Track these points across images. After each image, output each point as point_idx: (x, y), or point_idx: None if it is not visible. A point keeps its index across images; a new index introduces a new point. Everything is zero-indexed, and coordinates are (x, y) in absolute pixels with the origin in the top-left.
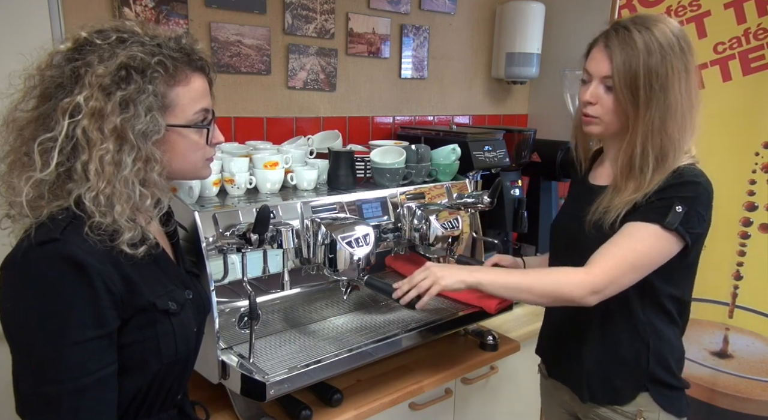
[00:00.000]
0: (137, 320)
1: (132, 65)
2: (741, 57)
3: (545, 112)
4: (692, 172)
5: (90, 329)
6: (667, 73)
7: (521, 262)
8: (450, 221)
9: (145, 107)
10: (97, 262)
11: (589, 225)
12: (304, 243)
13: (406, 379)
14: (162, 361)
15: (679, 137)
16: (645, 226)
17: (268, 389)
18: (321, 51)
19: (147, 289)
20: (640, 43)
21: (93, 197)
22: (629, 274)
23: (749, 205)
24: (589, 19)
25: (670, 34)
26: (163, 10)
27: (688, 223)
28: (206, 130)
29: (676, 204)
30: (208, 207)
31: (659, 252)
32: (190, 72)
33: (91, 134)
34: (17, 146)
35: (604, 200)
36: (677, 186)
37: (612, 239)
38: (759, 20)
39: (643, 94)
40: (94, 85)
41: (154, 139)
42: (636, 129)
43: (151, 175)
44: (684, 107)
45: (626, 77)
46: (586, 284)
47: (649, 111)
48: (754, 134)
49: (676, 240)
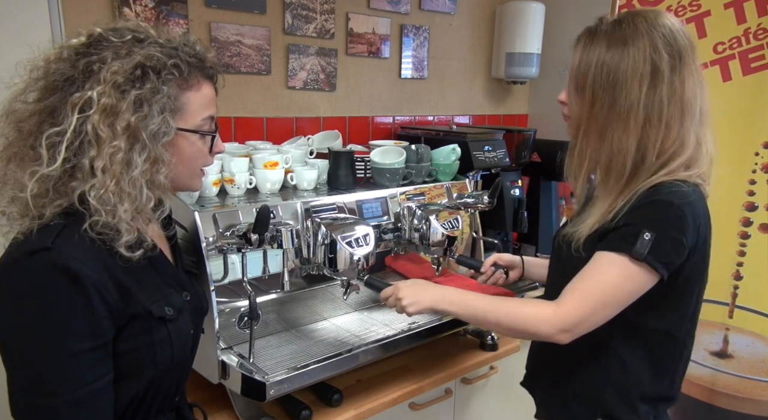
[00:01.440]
0: (132, 328)
1: (149, 65)
2: (741, 57)
3: (545, 112)
4: (668, 191)
5: (85, 340)
6: (625, 71)
7: (520, 261)
8: (450, 221)
9: (159, 108)
10: (91, 271)
11: (560, 239)
12: (304, 243)
13: (406, 379)
14: (158, 367)
15: (628, 144)
16: (613, 257)
17: (268, 389)
18: (321, 51)
19: (142, 295)
20: (602, 38)
21: (99, 195)
22: (601, 312)
23: (749, 205)
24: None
25: (642, 30)
26: (163, 10)
27: (659, 251)
28: (211, 138)
29: (643, 230)
30: (208, 207)
31: (630, 286)
32: (201, 78)
33: (101, 131)
34: (17, 139)
35: (584, 215)
36: (645, 207)
37: (582, 272)
38: (759, 20)
39: (590, 93)
40: (108, 82)
41: (164, 141)
42: (583, 131)
43: (158, 177)
44: (643, 111)
45: (577, 74)
46: (555, 322)
47: (593, 112)
48: (754, 134)
49: (647, 272)
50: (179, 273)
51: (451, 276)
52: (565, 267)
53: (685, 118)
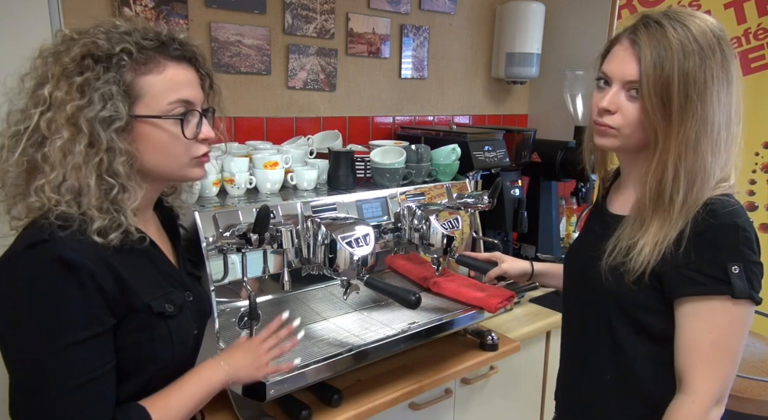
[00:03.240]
0: (131, 322)
1: (93, 53)
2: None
3: (545, 112)
4: (724, 211)
5: (83, 330)
6: (706, 80)
7: (528, 271)
8: (450, 221)
9: (101, 94)
10: (88, 261)
11: (605, 268)
12: (304, 243)
13: (406, 379)
14: (158, 364)
15: (712, 159)
16: (714, 306)
17: (268, 389)
18: (321, 51)
19: (142, 291)
20: (675, 41)
21: (54, 187)
22: (731, 367)
23: (749, 205)
24: (589, 19)
25: (710, 33)
26: (163, 10)
27: (752, 281)
28: (180, 122)
29: (729, 264)
30: (208, 207)
31: (743, 329)
32: (165, 61)
33: (53, 125)
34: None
35: (624, 237)
36: (713, 235)
37: (685, 338)
38: (759, 20)
39: (678, 104)
40: (56, 75)
41: (116, 128)
42: (668, 146)
43: (116, 167)
44: (721, 123)
45: (657, 83)
46: (699, 411)
47: (684, 125)
48: (754, 134)
49: (750, 305)
50: (181, 273)
51: (452, 276)
52: (610, 300)
53: (736, 124)
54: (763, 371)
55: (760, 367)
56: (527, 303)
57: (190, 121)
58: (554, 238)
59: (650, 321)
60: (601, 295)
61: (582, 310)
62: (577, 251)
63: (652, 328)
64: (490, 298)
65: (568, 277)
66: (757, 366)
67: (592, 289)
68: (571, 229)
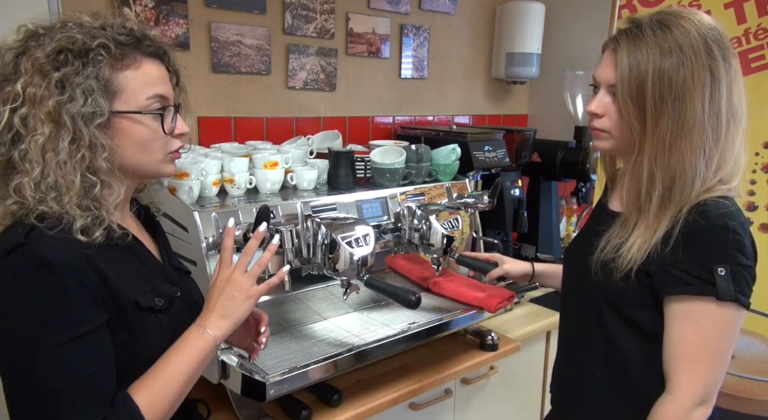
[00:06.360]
0: (122, 320)
1: (70, 48)
2: (741, 57)
3: (545, 112)
4: (717, 212)
5: (68, 330)
6: (685, 80)
7: (530, 273)
8: (450, 221)
9: (83, 89)
10: (67, 258)
11: (596, 263)
12: (304, 243)
13: (406, 379)
14: (155, 358)
15: (695, 159)
16: (698, 308)
17: (268, 389)
18: (321, 51)
19: (128, 288)
20: (651, 44)
21: (34, 186)
22: (717, 368)
23: (749, 205)
24: (589, 19)
25: (694, 34)
26: (163, 10)
27: (738, 283)
28: (160, 116)
29: (714, 265)
30: (208, 207)
31: (730, 331)
32: (140, 57)
33: (30, 121)
34: None
35: (615, 235)
36: (702, 236)
37: (671, 338)
38: (759, 20)
39: (651, 105)
40: (29, 71)
41: (97, 124)
42: (643, 147)
43: (99, 163)
44: (708, 124)
45: (630, 85)
46: (680, 410)
47: (658, 126)
48: (754, 134)
49: (737, 307)
50: (167, 268)
51: (452, 276)
52: (600, 294)
53: (737, 126)
54: (763, 371)
55: (760, 367)
56: (527, 303)
57: (166, 116)
58: (554, 238)
59: (638, 316)
60: (591, 289)
61: (576, 305)
62: (575, 246)
63: (641, 324)
64: (490, 298)
65: (565, 272)
66: (757, 366)
67: (585, 284)
68: (571, 229)
